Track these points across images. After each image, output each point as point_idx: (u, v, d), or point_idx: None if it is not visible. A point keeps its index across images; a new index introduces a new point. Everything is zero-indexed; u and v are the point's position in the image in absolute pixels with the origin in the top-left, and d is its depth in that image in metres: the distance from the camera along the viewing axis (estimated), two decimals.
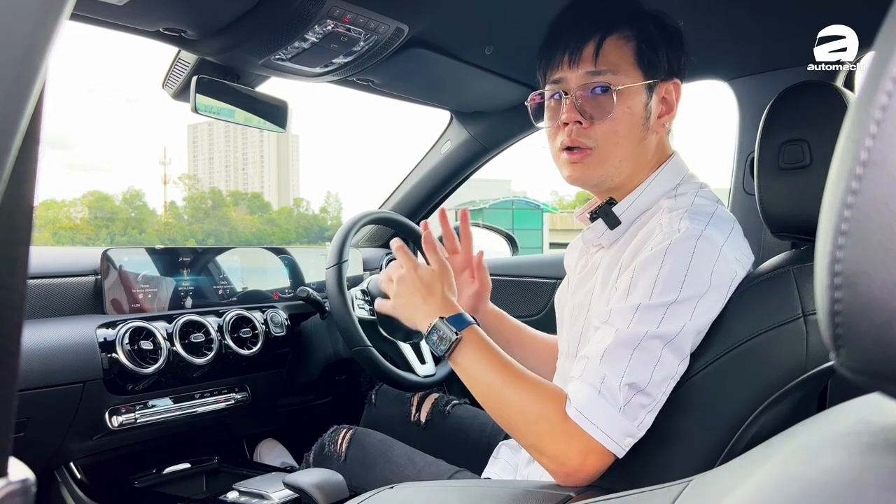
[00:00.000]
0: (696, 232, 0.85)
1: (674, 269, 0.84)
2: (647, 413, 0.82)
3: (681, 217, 0.89)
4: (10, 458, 0.32)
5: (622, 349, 0.82)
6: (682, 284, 0.83)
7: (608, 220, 0.99)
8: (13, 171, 0.29)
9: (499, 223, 2.57)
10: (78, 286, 1.46)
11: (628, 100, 0.95)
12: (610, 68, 0.94)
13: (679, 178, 0.99)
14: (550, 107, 1.01)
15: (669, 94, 1.00)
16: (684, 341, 0.83)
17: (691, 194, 0.96)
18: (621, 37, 0.95)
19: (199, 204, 78.46)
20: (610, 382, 0.81)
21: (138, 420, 1.43)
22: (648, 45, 0.96)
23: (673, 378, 0.84)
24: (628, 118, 0.95)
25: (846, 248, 0.26)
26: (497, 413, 0.89)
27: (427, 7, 1.27)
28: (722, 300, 0.87)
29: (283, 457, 1.89)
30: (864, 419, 0.34)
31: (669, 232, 0.87)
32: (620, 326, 0.84)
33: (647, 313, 0.83)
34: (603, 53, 0.94)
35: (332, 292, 1.50)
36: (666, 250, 0.85)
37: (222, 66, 1.42)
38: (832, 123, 0.86)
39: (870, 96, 0.26)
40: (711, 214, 0.90)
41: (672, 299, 0.83)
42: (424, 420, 1.51)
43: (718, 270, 0.85)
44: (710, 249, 0.85)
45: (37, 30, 0.28)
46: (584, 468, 0.81)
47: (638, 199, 0.98)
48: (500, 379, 0.89)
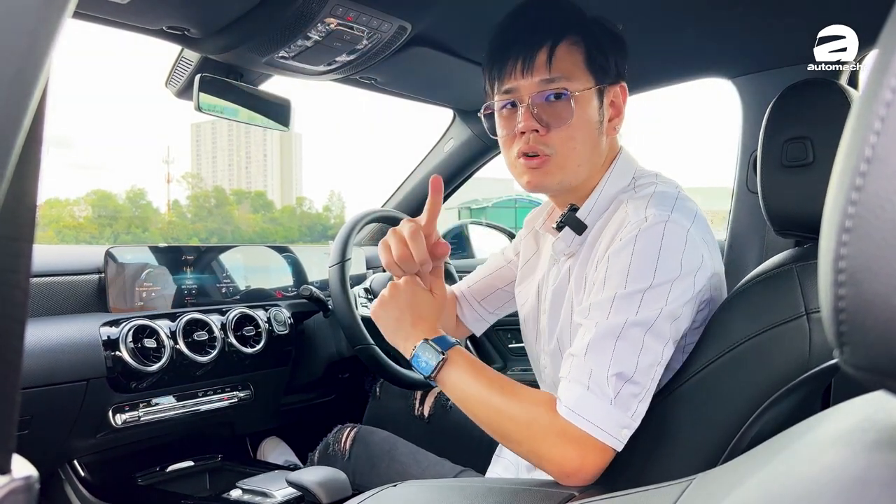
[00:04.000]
0: (664, 217, 0.87)
1: (644, 255, 0.85)
2: (638, 402, 0.82)
3: (646, 205, 0.90)
4: (13, 455, 0.32)
5: (604, 341, 0.83)
6: (654, 270, 0.84)
7: (575, 227, 1.00)
8: (16, 168, 0.29)
9: (502, 222, 2.58)
10: (81, 284, 1.47)
11: (583, 105, 0.96)
12: (564, 74, 0.95)
13: (632, 171, 1.02)
14: (504, 116, 1.01)
15: (617, 98, 1.01)
16: (663, 326, 0.84)
17: (651, 184, 0.97)
18: (571, 43, 0.96)
19: (203, 202, 78.59)
20: (597, 376, 0.82)
21: (142, 418, 1.44)
22: (598, 50, 0.97)
23: (659, 364, 0.84)
24: (584, 124, 0.96)
25: (850, 244, 0.26)
26: (490, 424, 0.89)
27: (430, 5, 1.27)
28: (692, 286, 0.87)
29: (286, 455, 1.89)
30: (868, 417, 0.34)
31: (637, 221, 0.88)
32: (600, 319, 0.85)
33: (624, 302, 0.84)
34: (556, 60, 0.95)
35: (335, 290, 1.51)
36: (636, 238, 0.86)
37: (225, 65, 1.42)
38: (835, 121, 0.85)
39: (874, 93, 0.26)
40: (675, 199, 0.92)
41: (646, 285, 0.84)
42: (428, 415, 1.51)
43: (688, 255, 0.86)
44: (679, 233, 0.87)
45: (39, 27, 0.28)
46: (585, 467, 0.81)
47: (598, 199, 1.00)
48: (489, 390, 0.89)
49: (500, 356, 2.26)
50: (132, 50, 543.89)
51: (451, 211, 13.77)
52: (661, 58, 1.53)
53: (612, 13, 1.03)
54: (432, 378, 0.94)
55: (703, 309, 0.92)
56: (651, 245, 0.85)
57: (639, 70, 1.61)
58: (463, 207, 20.44)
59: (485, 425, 0.90)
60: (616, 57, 0.99)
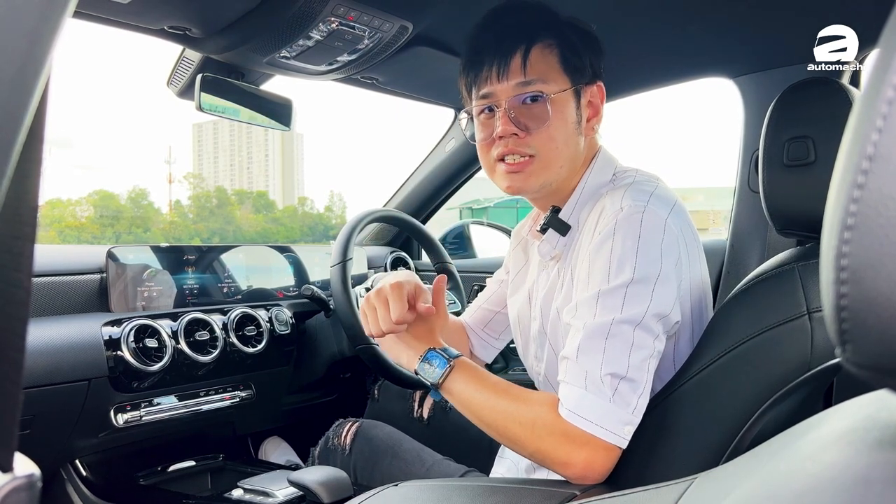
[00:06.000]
0: (640, 207, 0.87)
1: (624, 246, 0.85)
2: (637, 397, 0.83)
3: (622, 196, 0.90)
4: (15, 453, 0.32)
5: (594, 341, 0.83)
6: (635, 261, 0.84)
7: (559, 228, 1.00)
8: (17, 167, 0.29)
9: (503, 222, 2.57)
10: (83, 284, 1.47)
11: (560, 106, 0.96)
12: (539, 77, 0.95)
13: (612, 169, 1.02)
14: (481, 120, 1.02)
15: (595, 98, 1.02)
16: (650, 322, 0.84)
17: (629, 178, 0.98)
18: (545, 45, 0.96)
19: (204, 203, 78.58)
20: (592, 376, 0.82)
21: (143, 418, 1.44)
22: (571, 51, 0.97)
23: (652, 356, 0.84)
24: (562, 124, 0.96)
25: (852, 242, 0.26)
26: (497, 428, 0.90)
27: (431, 5, 1.27)
28: (675, 280, 0.87)
29: (287, 455, 1.89)
30: (871, 415, 0.34)
31: (614, 211, 0.88)
32: (587, 319, 0.85)
33: (608, 299, 0.84)
34: (530, 63, 0.95)
35: (337, 290, 1.51)
36: (614, 230, 0.87)
37: (227, 65, 1.42)
38: (837, 120, 0.85)
39: (876, 91, 0.26)
40: (652, 191, 0.92)
41: (628, 279, 0.84)
42: (427, 417, 1.51)
43: (667, 245, 0.86)
44: (656, 223, 0.87)
45: (40, 26, 0.28)
46: (593, 466, 0.81)
47: (580, 198, 1.00)
48: (493, 395, 0.90)
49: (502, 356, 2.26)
50: (133, 50, 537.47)
51: (452, 211, 13.75)
52: (663, 58, 1.53)
53: (613, 13, 1.03)
54: (439, 385, 0.94)
55: (690, 302, 0.93)
56: (629, 236, 0.85)
57: (640, 70, 1.61)
58: (464, 207, 20.42)
59: (491, 429, 0.91)
60: (591, 57, 1.00)
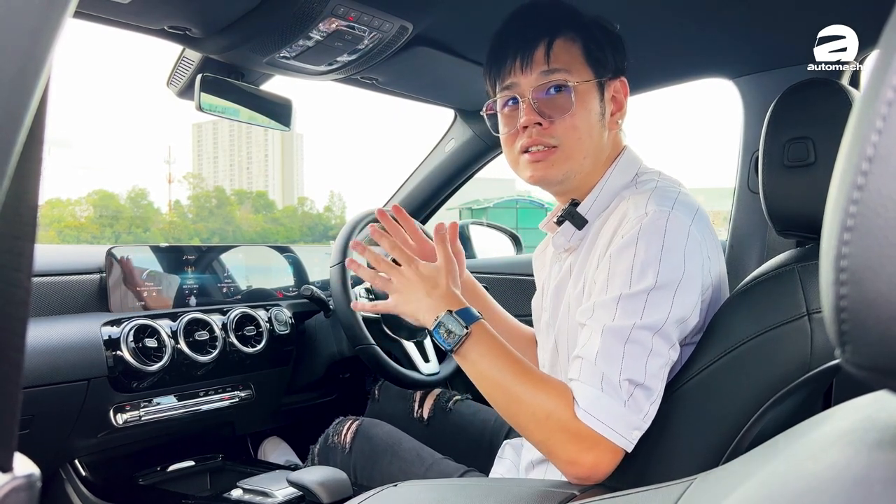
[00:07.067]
0: (664, 213, 0.87)
1: (647, 252, 0.85)
2: (650, 404, 0.83)
3: (646, 201, 0.90)
4: (14, 453, 0.32)
5: (614, 346, 0.83)
6: (658, 267, 0.84)
7: (575, 221, 1.00)
8: (17, 167, 0.29)
9: (503, 222, 2.57)
10: (83, 284, 1.47)
11: (584, 97, 0.96)
12: (563, 67, 0.96)
13: (635, 169, 1.01)
14: (505, 114, 1.02)
15: (618, 93, 1.02)
16: (670, 329, 0.84)
17: (652, 181, 0.97)
18: (568, 38, 0.97)
19: (204, 203, 78.60)
20: (610, 379, 0.82)
21: (143, 418, 1.44)
22: (595, 45, 0.98)
23: (667, 364, 0.84)
24: (586, 115, 0.96)
25: (852, 243, 0.26)
26: (506, 410, 0.89)
27: (431, 5, 1.27)
28: (698, 287, 0.87)
29: (287, 455, 1.89)
30: (870, 416, 0.34)
31: (638, 216, 0.88)
32: (606, 322, 0.84)
33: (629, 304, 0.84)
34: (554, 54, 0.95)
35: (336, 290, 1.51)
36: (638, 235, 0.86)
37: (227, 65, 1.42)
38: (836, 121, 0.85)
39: (876, 91, 0.26)
40: (676, 197, 0.91)
41: (651, 284, 0.83)
42: (427, 417, 1.51)
43: (690, 252, 0.86)
44: (680, 230, 0.86)
45: (41, 26, 0.28)
46: (597, 466, 0.81)
47: (600, 194, 0.99)
48: (510, 375, 0.88)
49: None
50: (133, 50, 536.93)
51: (451, 211, 13.75)
52: (663, 58, 1.53)
53: (613, 13, 1.03)
54: (453, 352, 0.93)
55: (706, 310, 0.92)
56: (654, 241, 0.85)
57: (640, 71, 1.61)
58: (464, 208, 20.42)
59: (500, 409, 0.90)
60: (614, 52, 1.00)
